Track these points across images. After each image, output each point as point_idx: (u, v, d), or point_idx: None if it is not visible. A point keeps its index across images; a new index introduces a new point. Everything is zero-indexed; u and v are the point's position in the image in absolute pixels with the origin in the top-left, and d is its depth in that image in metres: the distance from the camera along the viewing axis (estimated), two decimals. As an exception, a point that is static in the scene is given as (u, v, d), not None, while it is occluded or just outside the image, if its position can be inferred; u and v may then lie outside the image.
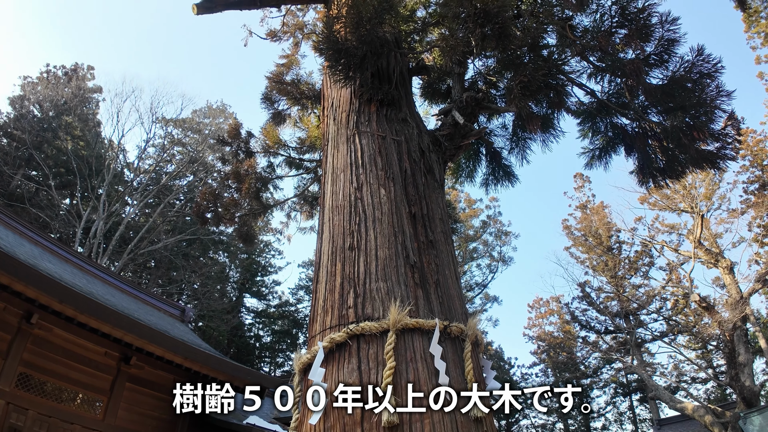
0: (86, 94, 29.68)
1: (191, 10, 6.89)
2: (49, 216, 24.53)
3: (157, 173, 28.20)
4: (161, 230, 25.87)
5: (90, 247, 23.45)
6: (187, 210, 25.92)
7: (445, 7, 4.13)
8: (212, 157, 27.30)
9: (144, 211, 27.20)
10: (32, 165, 26.04)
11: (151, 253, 25.72)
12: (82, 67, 31.00)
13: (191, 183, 28.14)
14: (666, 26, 5.34)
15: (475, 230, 27.42)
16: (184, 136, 29.17)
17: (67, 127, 27.33)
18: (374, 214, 3.86)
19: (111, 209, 24.85)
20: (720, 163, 5.90)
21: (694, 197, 21.92)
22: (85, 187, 25.64)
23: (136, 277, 27.42)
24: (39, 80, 29.47)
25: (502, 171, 5.52)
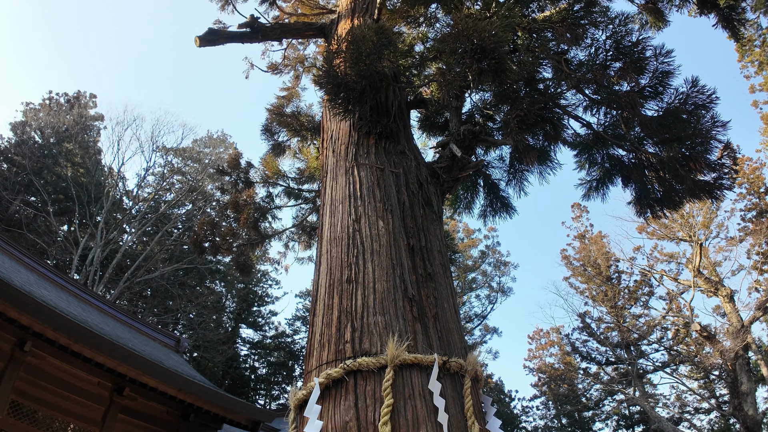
0: (88, 122, 29.96)
1: (194, 42, 7.04)
2: (46, 242, 24.44)
3: (156, 201, 28.23)
4: (158, 259, 25.73)
5: (86, 275, 23.28)
6: (185, 239, 25.82)
7: (442, 42, 4.22)
8: (211, 186, 27.38)
9: (142, 240, 27.11)
10: (31, 191, 26.09)
11: (148, 282, 25.51)
12: (84, 95, 31.40)
13: (190, 212, 28.14)
14: (660, 59, 5.43)
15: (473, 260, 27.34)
16: (184, 165, 29.33)
17: (67, 153, 27.50)
18: (372, 247, 3.85)
19: (109, 237, 24.78)
20: (717, 193, 5.92)
21: (692, 226, 21.99)
22: (84, 214, 25.63)
23: (132, 305, 27.13)
24: (41, 107, 29.80)
25: (499, 203, 5.54)
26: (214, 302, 27.48)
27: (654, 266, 24.00)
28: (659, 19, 7.20)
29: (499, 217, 5.56)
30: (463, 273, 26.39)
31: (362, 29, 4.57)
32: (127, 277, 24.03)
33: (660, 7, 7.13)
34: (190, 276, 27.07)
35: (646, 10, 7.21)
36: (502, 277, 27.16)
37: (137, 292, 26.50)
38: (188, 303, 25.54)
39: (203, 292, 27.28)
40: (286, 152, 7.07)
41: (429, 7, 5.26)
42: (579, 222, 27.57)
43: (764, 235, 21.04)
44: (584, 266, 25.69)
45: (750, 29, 22.11)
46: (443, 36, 4.32)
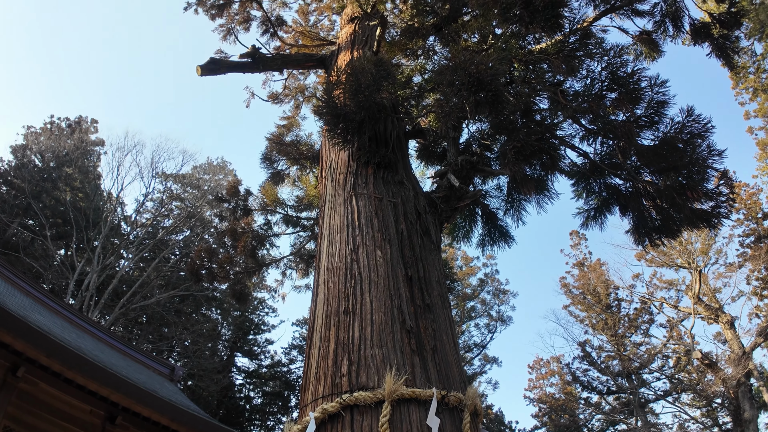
0: (88, 147, 30.14)
1: (195, 71, 7.14)
2: (42, 266, 24.28)
3: (154, 227, 28.17)
4: (155, 285, 25.53)
5: (82, 300, 23.06)
6: (182, 265, 25.66)
7: (440, 75, 4.29)
8: (210, 212, 27.36)
9: (138, 265, 26.94)
10: (30, 214, 26.05)
11: (143, 308, 25.25)
12: (86, 120, 31.67)
13: (187, 238, 28.04)
14: (655, 89, 5.49)
15: (472, 288, 27.15)
16: (183, 191, 29.38)
17: (67, 178, 27.57)
18: (370, 277, 3.82)
19: (105, 262, 24.64)
20: (715, 222, 5.92)
21: (690, 253, 21.97)
22: (81, 238, 25.54)
23: (127, 332, 26.78)
24: (42, 130, 30.00)
25: (498, 232, 5.54)
26: (209, 330, 27.13)
27: (654, 294, 23.90)
28: (653, 50, 7.33)
29: (498, 246, 5.55)
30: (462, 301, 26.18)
31: (362, 61, 4.65)
32: (123, 303, 23.80)
33: (654, 38, 7.27)
34: (186, 303, 26.80)
35: (641, 41, 7.35)
36: (502, 306, 26.95)
37: (132, 319, 26.21)
38: (184, 330, 25.22)
39: (199, 320, 26.95)
40: (285, 180, 7.11)
41: (427, 40, 5.37)
42: (578, 249, 27.55)
43: (763, 260, 21.03)
44: (584, 294, 25.55)
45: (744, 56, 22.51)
46: (441, 68, 4.39)
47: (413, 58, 5.75)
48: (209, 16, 9.04)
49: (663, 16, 7.23)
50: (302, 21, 8.48)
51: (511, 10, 4.66)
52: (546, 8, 4.55)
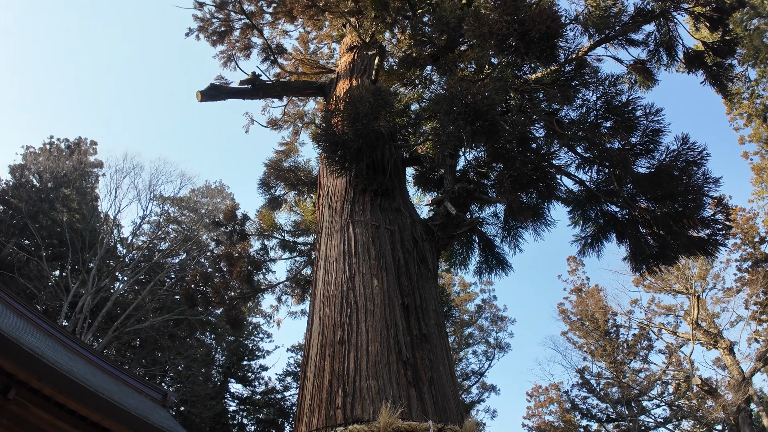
0: (87, 168, 30.19)
1: (195, 97, 7.21)
2: (37, 287, 24.04)
3: (150, 250, 28.01)
4: (149, 309, 25.25)
5: (75, 322, 22.78)
6: (177, 289, 25.41)
7: (437, 104, 4.34)
8: (206, 236, 27.23)
9: (133, 288, 26.70)
10: (26, 234, 25.91)
11: (137, 332, 24.94)
12: (85, 141, 31.79)
13: (183, 261, 27.87)
14: (650, 117, 5.53)
15: (470, 315, 26.91)
16: (181, 215, 29.31)
17: (64, 199, 27.53)
18: (366, 306, 3.79)
19: (100, 284, 24.43)
20: (711, 250, 5.91)
21: (688, 278, 21.93)
22: (77, 260, 25.36)
23: (120, 355, 26.38)
24: (41, 151, 30.06)
25: (495, 259, 5.53)
26: (203, 355, 26.74)
27: (652, 319, 23.77)
28: (648, 79, 7.41)
29: (495, 274, 5.53)
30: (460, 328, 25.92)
31: (360, 90, 4.70)
32: (117, 326, 23.49)
33: (648, 67, 7.36)
34: (180, 327, 26.46)
35: (635, 70, 7.44)
36: (500, 333, 26.63)
37: (126, 342, 25.85)
38: (177, 355, 24.84)
39: (193, 344, 26.56)
40: (282, 206, 7.11)
41: (424, 69, 5.45)
42: (575, 275, 27.44)
43: (761, 285, 21.00)
44: (582, 320, 25.38)
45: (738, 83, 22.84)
46: (438, 98, 4.45)
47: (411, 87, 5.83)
48: (210, 42, 9.18)
49: (657, 45, 7.33)
50: (302, 49, 8.63)
51: (506, 41, 4.74)
52: (541, 39, 4.63)
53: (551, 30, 4.60)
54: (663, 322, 23.39)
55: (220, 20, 8.74)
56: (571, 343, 25.80)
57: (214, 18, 8.78)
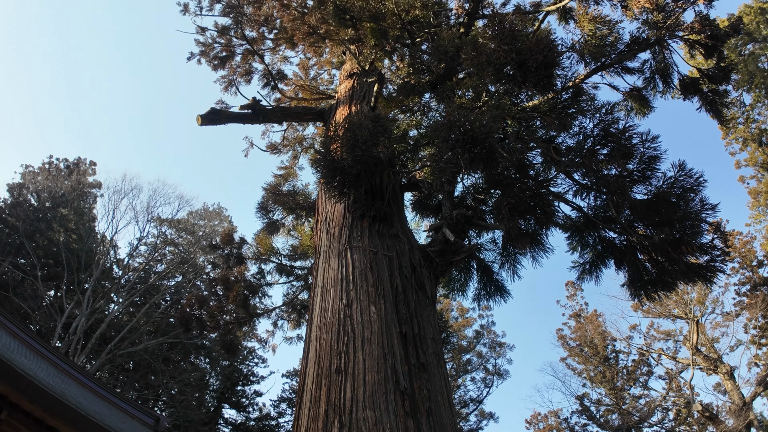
0: (85, 189, 30.19)
1: (195, 121, 7.25)
2: (31, 307, 23.77)
3: (146, 272, 27.83)
4: (144, 331, 24.96)
5: (68, 344, 22.47)
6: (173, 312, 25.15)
7: (435, 131, 4.37)
8: (203, 258, 27.12)
9: (128, 310, 26.44)
10: (22, 253, 25.74)
11: (131, 355, 24.58)
12: (84, 162, 31.86)
13: (179, 284, 27.66)
14: (647, 144, 5.56)
15: (468, 341, 26.62)
16: (178, 237, 29.20)
17: (61, 219, 27.45)
18: (363, 334, 3.74)
19: (95, 306, 24.18)
20: (710, 276, 5.89)
21: (687, 303, 21.85)
22: (72, 280, 25.16)
23: (113, 378, 25.96)
24: (40, 170, 30.09)
25: (493, 286, 5.50)
26: (197, 379, 26.32)
27: (651, 345, 23.58)
28: (644, 106, 7.48)
29: (494, 300, 5.50)
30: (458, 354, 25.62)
31: (359, 116, 4.74)
32: (110, 348, 23.17)
33: (644, 94, 7.44)
34: (174, 351, 26.10)
35: (631, 97, 7.52)
36: (498, 359, 26.33)
37: (119, 365, 25.47)
38: (171, 379, 24.45)
39: (187, 368, 26.17)
40: (280, 230, 7.09)
41: (423, 96, 5.51)
42: (574, 300, 27.28)
43: (760, 308, 20.93)
44: (581, 346, 25.15)
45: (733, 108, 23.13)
46: (436, 125, 4.48)
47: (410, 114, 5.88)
48: (212, 67, 9.29)
49: (652, 72, 7.41)
50: (302, 75, 8.74)
51: (504, 70, 4.80)
52: (539, 68, 4.70)
53: (548, 59, 4.67)
54: (662, 348, 23.22)
55: (222, 45, 8.87)
56: (570, 369, 25.53)
57: (216, 43, 8.91)
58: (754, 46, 22.77)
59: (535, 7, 7.17)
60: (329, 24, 5.56)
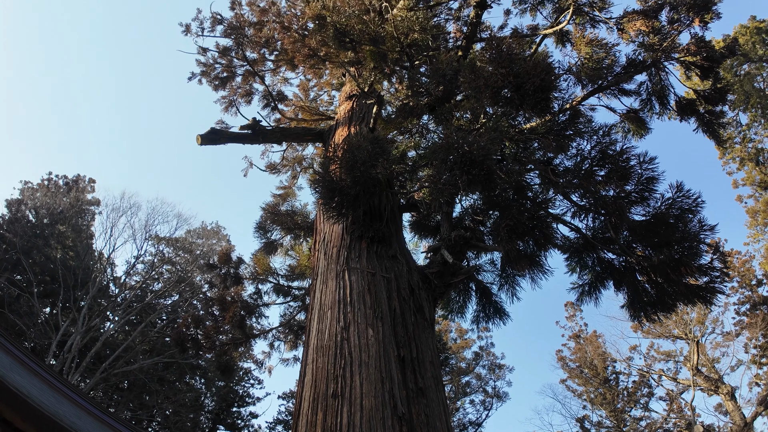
0: (83, 206, 30.16)
1: (195, 141, 7.28)
2: (26, 324, 23.54)
3: (142, 290, 27.64)
4: (139, 350, 24.68)
5: (63, 362, 22.20)
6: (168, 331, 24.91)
7: (433, 153, 4.39)
8: (200, 277, 26.96)
9: (124, 329, 26.19)
10: (18, 269, 25.59)
11: (125, 374, 24.26)
12: (83, 179, 31.90)
13: (176, 303, 27.45)
14: (644, 166, 5.58)
15: (467, 363, 26.35)
16: (175, 255, 29.07)
17: (59, 236, 27.37)
18: (361, 357, 3.70)
19: (91, 324, 23.97)
20: (710, 297, 5.86)
21: (687, 323, 21.74)
22: (68, 298, 24.98)
23: (107, 398, 25.58)
24: (39, 187, 30.11)
25: (492, 308, 5.47)
26: (192, 400, 25.93)
27: (652, 366, 23.39)
28: (641, 127, 7.53)
29: (493, 323, 5.45)
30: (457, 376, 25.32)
31: (358, 138, 4.76)
32: (105, 367, 22.88)
33: (641, 116, 7.49)
34: (169, 371, 25.79)
35: (628, 119, 7.57)
36: (498, 381, 26.01)
37: (113, 384, 25.13)
38: (165, 399, 24.09)
39: (182, 389, 25.81)
40: (278, 250, 7.08)
41: (421, 118, 5.56)
42: (573, 321, 27.08)
43: (760, 327, 20.83)
44: (580, 368, 24.93)
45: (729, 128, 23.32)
46: (435, 146, 4.50)
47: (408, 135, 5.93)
48: (212, 87, 9.38)
49: (649, 94, 7.47)
50: (302, 96, 8.83)
51: (501, 93, 4.84)
52: (536, 92, 4.74)
53: (545, 83, 4.71)
54: (663, 369, 23.02)
55: (223, 66, 8.96)
56: (570, 391, 25.26)
57: (217, 63, 9.01)
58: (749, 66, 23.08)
59: (533, 31, 7.27)
60: (329, 47, 5.64)
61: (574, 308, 26.90)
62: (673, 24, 7.23)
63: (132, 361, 24.39)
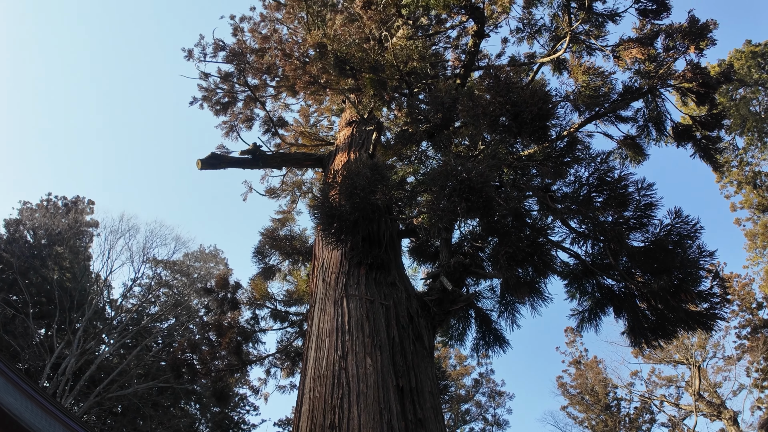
0: (82, 227, 30.11)
1: (195, 165, 7.32)
2: (20, 345, 23.27)
3: (139, 313, 27.43)
4: (134, 374, 24.34)
5: (57, 384, 21.87)
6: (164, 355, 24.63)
7: (432, 180, 4.41)
8: (197, 301, 26.79)
9: (119, 352, 25.88)
10: (15, 290, 25.41)
11: (120, 398, 23.88)
12: (82, 200, 31.93)
13: (172, 326, 27.21)
14: (642, 192, 5.59)
15: (467, 390, 25.99)
16: (173, 278, 28.90)
17: (57, 257, 27.26)
18: (359, 387, 3.65)
19: (86, 346, 23.69)
20: (710, 324, 5.82)
21: (688, 348, 21.57)
22: (63, 319, 24.76)
23: (100, 422, 25.11)
24: (38, 207, 30.12)
25: (492, 335, 5.42)
26: (186, 426, 25.47)
27: (653, 391, 23.10)
28: (638, 153, 7.57)
29: (493, 351, 5.39)
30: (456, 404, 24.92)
31: (358, 164, 4.79)
32: (99, 391, 22.53)
33: (638, 142, 7.54)
34: (164, 395, 25.39)
35: (625, 145, 7.62)
36: (498, 409, 25.60)
37: (107, 409, 24.70)
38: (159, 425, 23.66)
39: (177, 414, 25.38)
40: (276, 275, 7.05)
41: (420, 144, 5.61)
42: (573, 347, 26.81)
43: (761, 351, 20.68)
44: (581, 394, 24.60)
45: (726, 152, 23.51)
46: (433, 173, 4.53)
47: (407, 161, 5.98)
48: (214, 112, 9.47)
49: (646, 121, 7.53)
50: (303, 121, 8.92)
51: (499, 121, 4.90)
52: (533, 120, 4.79)
53: (543, 111, 4.77)
54: (665, 394, 22.73)
55: (224, 91, 9.07)
56: (572, 418, 24.87)
57: (219, 89, 9.12)
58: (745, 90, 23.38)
59: (530, 59, 7.40)
60: (330, 74, 5.73)
61: (575, 334, 26.67)
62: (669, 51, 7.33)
63: (126, 385, 24.03)
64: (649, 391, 23.28)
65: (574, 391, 25.10)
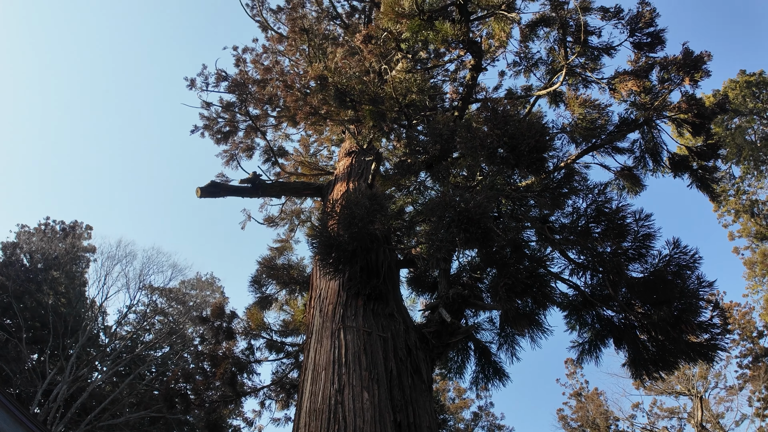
0: (79, 252, 30.00)
1: (195, 193, 7.34)
2: (12, 370, 22.87)
3: (133, 341, 27.10)
4: (126, 403, 23.88)
5: (47, 411, 21.42)
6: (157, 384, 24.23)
7: (431, 211, 4.42)
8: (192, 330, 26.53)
9: (112, 380, 25.45)
10: (9, 314, 25.14)
11: (111, 427, 23.37)
12: (80, 225, 31.89)
13: (166, 355, 26.88)
14: (640, 223, 5.61)
15: (466, 424, 25.46)
16: (168, 306, 28.68)
17: (52, 282, 27.06)
18: (355, 422, 3.58)
19: (78, 373, 23.30)
20: (711, 355, 5.76)
21: (689, 378, 21.29)
22: (57, 345, 24.42)
23: (89, 452, 24.51)
24: (36, 231, 30.05)
25: (491, 369, 5.35)
26: (178, 458, 24.90)
27: (655, 423, 22.66)
28: (636, 184, 7.61)
29: (492, 384, 5.31)
30: (455, 438, 24.42)
31: (357, 194, 4.81)
32: (90, 419, 22.06)
33: (635, 173, 7.59)
34: (156, 425, 24.85)
35: (623, 176, 7.66)
36: (498, 443, 25.06)
37: (97, 438, 24.15)
38: (150, 457, 23.11)
39: (169, 444, 24.83)
40: (272, 304, 7.00)
41: (418, 175, 5.65)
42: (574, 379, 26.42)
43: (763, 380, 20.41)
44: (582, 427, 24.13)
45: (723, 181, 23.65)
46: (432, 204, 4.54)
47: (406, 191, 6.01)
48: (215, 140, 9.56)
49: (642, 152, 7.60)
50: (303, 150, 9.02)
51: (497, 153, 4.94)
52: (531, 152, 4.84)
53: (540, 144, 4.82)
54: (667, 426, 22.29)
55: (226, 120, 9.18)
56: (574, 452, 24.34)
57: (220, 118, 9.24)
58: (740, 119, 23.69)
59: (526, 91, 7.51)
60: (330, 105, 5.82)
61: (575, 365, 26.30)
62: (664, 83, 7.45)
63: (118, 414, 23.55)
64: (651, 423, 22.85)
65: (576, 423, 24.61)
